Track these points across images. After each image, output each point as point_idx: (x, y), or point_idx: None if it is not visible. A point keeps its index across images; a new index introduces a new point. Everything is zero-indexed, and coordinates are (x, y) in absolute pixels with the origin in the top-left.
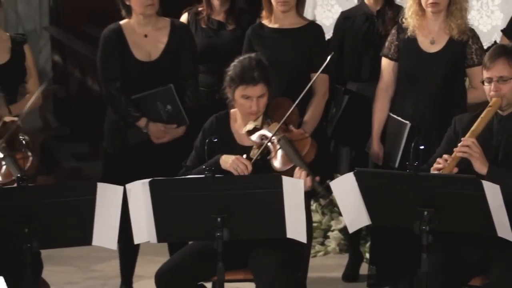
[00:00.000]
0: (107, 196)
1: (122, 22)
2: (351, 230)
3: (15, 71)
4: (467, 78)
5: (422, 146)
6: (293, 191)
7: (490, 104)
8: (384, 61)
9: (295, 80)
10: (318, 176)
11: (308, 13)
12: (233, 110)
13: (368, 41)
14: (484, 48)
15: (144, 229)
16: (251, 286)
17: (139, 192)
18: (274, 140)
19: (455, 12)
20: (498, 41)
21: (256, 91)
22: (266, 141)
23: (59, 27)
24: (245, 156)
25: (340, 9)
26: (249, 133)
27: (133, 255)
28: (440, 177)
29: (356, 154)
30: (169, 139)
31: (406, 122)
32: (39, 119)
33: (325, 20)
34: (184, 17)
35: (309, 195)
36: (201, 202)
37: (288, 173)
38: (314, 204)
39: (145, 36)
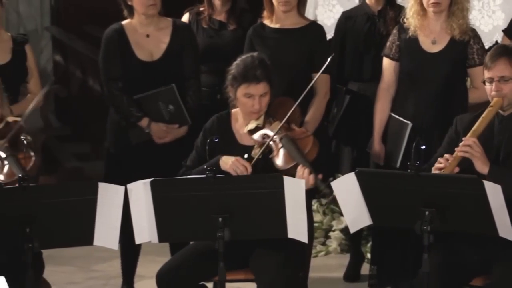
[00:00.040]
0: (109, 196)
1: (124, 22)
2: (352, 230)
3: (17, 71)
4: (468, 78)
5: (423, 146)
6: (294, 191)
7: (491, 104)
8: (385, 61)
9: (296, 80)
10: (321, 174)
11: (309, 13)
12: (234, 110)
13: (370, 41)
14: (486, 48)
15: (145, 229)
16: (252, 286)
17: (140, 192)
18: (276, 139)
19: (457, 12)
20: (500, 41)
21: (259, 90)
22: (268, 140)
23: (60, 27)
24: (247, 156)
25: (342, 9)
26: (251, 132)
27: (135, 255)
28: (442, 177)
29: (358, 154)
30: (171, 139)
31: (408, 122)
32: (41, 119)
33: (326, 20)
34: (186, 17)
35: (312, 193)
36: (202, 202)
37: (291, 171)
38: (315, 204)
39: (147, 36)
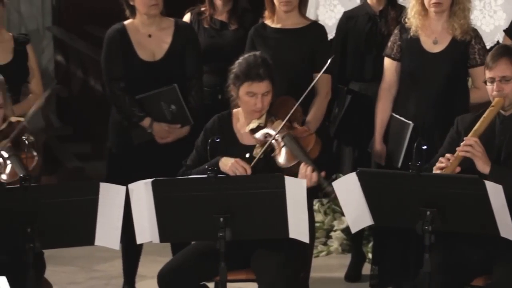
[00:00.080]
0: (110, 196)
1: (126, 22)
2: (354, 230)
3: (18, 71)
4: (470, 78)
5: (425, 146)
6: (296, 191)
7: (493, 104)
8: (387, 61)
9: (298, 80)
10: (324, 171)
11: (311, 13)
12: (236, 110)
13: (371, 41)
14: (487, 48)
15: (147, 229)
16: (254, 286)
17: (142, 192)
18: (278, 138)
19: (458, 12)
20: (501, 41)
21: (262, 88)
22: (270, 139)
23: (62, 27)
24: (248, 155)
25: (343, 9)
26: (253, 132)
27: (136, 255)
28: (443, 177)
29: (359, 154)
30: (173, 139)
31: (409, 122)
32: (42, 119)
33: (328, 20)
34: (187, 17)
35: (313, 193)
36: (204, 202)
37: (293, 169)
38: (317, 204)
39: (149, 36)
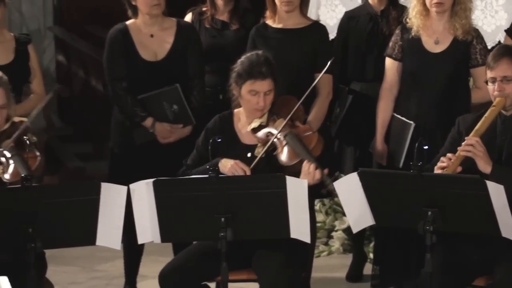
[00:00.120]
0: (111, 196)
1: (128, 22)
2: (355, 230)
3: (20, 71)
4: (471, 78)
5: (426, 146)
6: (297, 191)
7: (494, 104)
8: (388, 61)
9: (299, 80)
10: (327, 169)
11: (312, 13)
12: (237, 110)
13: (372, 41)
14: (488, 48)
15: (148, 229)
16: (255, 286)
17: (143, 192)
18: (281, 136)
19: (460, 12)
20: (502, 41)
21: (264, 86)
22: (273, 137)
23: (63, 27)
24: (250, 155)
25: (344, 9)
26: (254, 131)
27: (138, 255)
28: (444, 177)
29: (360, 154)
30: (175, 139)
31: (410, 122)
32: (43, 119)
33: (329, 20)
34: (188, 17)
35: (318, 188)
36: (205, 202)
37: (296, 167)
38: (318, 204)
39: (151, 36)
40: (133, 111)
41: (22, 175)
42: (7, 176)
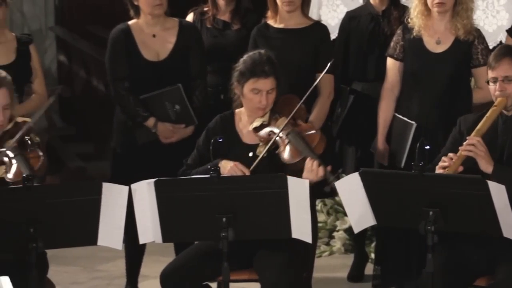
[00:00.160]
0: (112, 196)
1: (131, 22)
2: (356, 230)
3: (21, 71)
4: (473, 78)
5: (428, 146)
6: (298, 191)
7: (495, 104)
8: (390, 61)
9: (300, 80)
10: (330, 166)
11: (313, 13)
12: (238, 110)
13: (374, 41)
14: (490, 48)
15: (150, 229)
16: (256, 286)
17: (144, 192)
18: (283, 135)
19: (461, 12)
20: (504, 41)
21: (267, 85)
22: (275, 136)
23: (65, 27)
24: (251, 154)
25: (345, 9)
26: (256, 130)
27: (139, 255)
28: (446, 177)
29: (362, 154)
30: (178, 139)
31: (412, 123)
32: (45, 119)
33: (330, 20)
34: (190, 17)
35: (321, 185)
36: (206, 202)
37: (299, 165)
38: (319, 204)
39: (154, 36)
40: (135, 111)
41: (23, 175)
42: (10, 176)
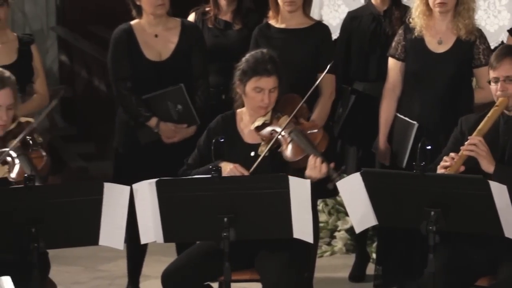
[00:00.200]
0: (114, 196)
1: (133, 22)
2: (358, 230)
3: (23, 71)
4: (474, 78)
5: (429, 146)
6: (300, 191)
7: (497, 104)
8: (391, 61)
9: (302, 80)
10: (333, 163)
11: (315, 13)
12: (239, 110)
13: (375, 41)
14: (491, 48)
15: (151, 229)
16: (258, 286)
17: (146, 192)
18: (285, 133)
19: (463, 12)
20: (505, 41)
21: (269, 83)
22: (277, 135)
23: (66, 27)
24: (253, 154)
25: (347, 9)
26: (258, 129)
27: (141, 255)
28: (447, 178)
29: (363, 154)
30: (180, 139)
31: (414, 123)
32: (46, 119)
33: (332, 20)
34: (191, 17)
35: (324, 182)
36: (208, 202)
37: (301, 163)
38: (321, 204)
39: (156, 36)
40: (138, 111)
41: (25, 175)
42: (13, 175)
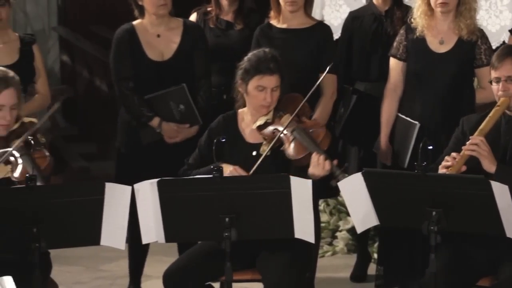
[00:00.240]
0: (115, 196)
1: (135, 22)
2: (359, 231)
3: (24, 71)
4: (476, 79)
5: (431, 147)
6: (301, 191)
7: (498, 104)
8: (393, 61)
9: (303, 80)
10: (336, 160)
11: (316, 13)
12: (241, 110)
13: (377, 41)
14: (493, 48)
15: (152, 229)
16: (259, 286)
17: (147, 192)
18: (288, 132)
19: (464, 12)
20: (507, 41)
21: (272, 82)
22: (279, 133)
23: (68, 27)
24: (255, 153)
25: (348, 9)
26: (260, 128)
27: (142, 255)
28: (449, 178)
29: (365, 154)
30: (182, 139)
31: (415, 123)
32: (48, 120)
33: (333, 20)
34: (193, 17)
35: (327, 180)
36: (209, 202)
37: (304, 160)
38: (322, 204)
39: (158, 36)
40: (140, 111)
41: (27, 175)
42: (16, 175)
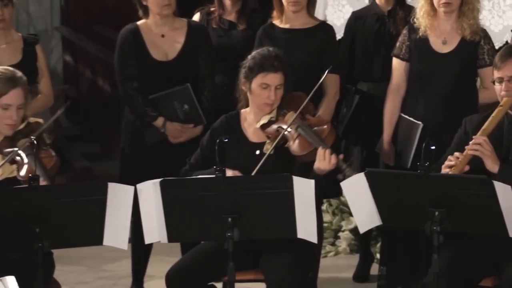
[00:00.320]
0: (118, 196)
1: (139, 22)
2: (362, 231)
3: (27, 72)
4: (479, 79)
5: (433, 147)
6: (304, 191)
7: (501, 104)
8: (395, 62)
9: (306, 80)
10: (342, 154)
11: (319, 14)
12: (243, 110)
13: (379, 41)
14: (496, 48)
15: (155, 229)
16: (262, 286)
17: (150, 192)
18: (292, 129)
19: (467, 12)
20: (510, 41)
21: (276, 79)
22: (283, 130)
23: (70, 27)
24: (258, 152)
25: (351, 9)
26: (264, 127)
27: (145, 255)
28: (451, 178)
29: (367, 154)
30: (186, 139)
31: (418, 123)
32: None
33: (336, 20)
34: (196, 17)
35: (333, 174)
36: (212, 202)
37: (309, 156)
38: (325, 204)
39: (162, 36)
40: (144, 111)
41: (29, 175)
42: (22, 174)
